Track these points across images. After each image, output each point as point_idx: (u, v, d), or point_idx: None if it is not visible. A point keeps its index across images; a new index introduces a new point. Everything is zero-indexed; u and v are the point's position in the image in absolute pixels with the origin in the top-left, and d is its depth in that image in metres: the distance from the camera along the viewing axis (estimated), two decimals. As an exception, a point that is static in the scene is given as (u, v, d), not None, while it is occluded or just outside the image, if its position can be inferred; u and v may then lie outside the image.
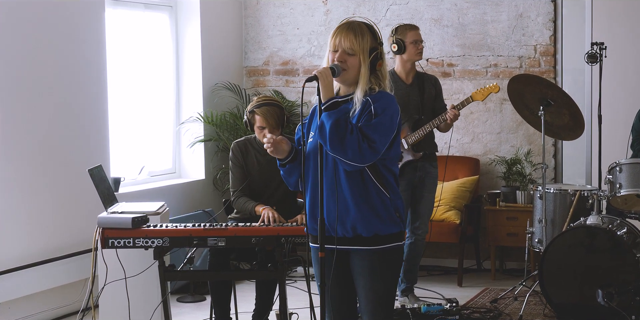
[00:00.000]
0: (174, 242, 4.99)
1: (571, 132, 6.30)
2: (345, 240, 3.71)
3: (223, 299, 5.54)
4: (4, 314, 5.83)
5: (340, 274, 3.78)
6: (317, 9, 8.06)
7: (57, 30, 6.23)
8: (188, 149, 7.77)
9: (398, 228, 3.75)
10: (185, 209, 7.55)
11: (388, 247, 3.72)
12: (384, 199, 3.70)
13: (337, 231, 3.69)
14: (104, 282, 5.35)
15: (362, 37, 3.66)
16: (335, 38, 3.69)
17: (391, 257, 3.75)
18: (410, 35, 6.16)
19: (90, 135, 6.52)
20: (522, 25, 7.47)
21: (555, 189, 6.31)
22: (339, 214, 3.67)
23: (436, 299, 6.59)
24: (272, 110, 5.38)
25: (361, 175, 3.67)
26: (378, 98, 3.67)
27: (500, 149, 7.59)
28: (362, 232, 3.68)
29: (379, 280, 3.72)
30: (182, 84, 7.84)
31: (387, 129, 3.63)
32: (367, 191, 3.68)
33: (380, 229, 3.69)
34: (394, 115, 3.68)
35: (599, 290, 5.57)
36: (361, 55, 3.66)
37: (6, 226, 5.83)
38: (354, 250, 3.72)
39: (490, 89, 6.06)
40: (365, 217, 3.67)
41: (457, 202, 7.23)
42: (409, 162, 6.15)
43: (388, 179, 3.73)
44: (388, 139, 3.64)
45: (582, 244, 5.74)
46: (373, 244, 3.70)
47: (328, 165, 3.68)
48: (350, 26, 3.69)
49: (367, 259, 3.72)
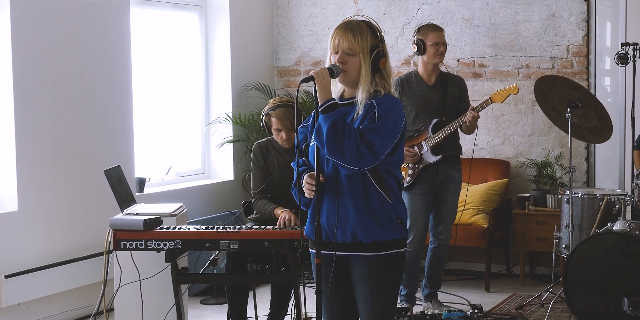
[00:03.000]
0: (186, 245, 4.94)
1: (599, 135, 6.13)
2: (344, 246, 3.62)
3: (239, 302, 5.48)
4: (23, 314, 5.84)
5: (340, 280, 3.69)
6: (348, 8, 7.98)
7: (82, 29, 6.22)
8: (217, 150, 7.73)
9: (399, 234, 3.64)
10: (214, 210, 7.52)
11: (389, 254, 3.62)
12: (385, 204, 3.60)
13: (336, 237, 3.61)
14: (119, 284, 5.32)
15: (361, 36, 3.56)
16: (334, 39, 3.59)
17: (392, 264, 3.65)
18: (432, 37, 6.03)
19: (114, 135, 6.51)
20: (554, 25, 7.31)
21: (583, 193, 6.15)
22: (339, 219, 3.58)
23: (461, 305, 6.47)
24: (287, 112, 5.32)
25: (362, 179, 3.57)
26: (383, 101, 3.58)
27: (532, 152, 7.44)
28: (362, 238, 3.59)
29: (379, 287, 3.63)
30: (211, 84, 7.80)
31: (388, 132, 3.52)
32: (368, 196, 3.58)
33: (381, 235, 3.59)
34: (398, 119, 3.57)
35: (625, 299, 5.43)
36: (361, 55, 3.56)
37: (27, 226, 5.84)
38: (353, 256, 3.64)
39: (509, 91, 5.91)
40: (365, 223, 3.58)
41: (485, 206, 7.09)
42: (430, 165, 6.03)
43: (390, 184, 3.62)
44: (389, 143, 3.53)
45: (608, 250, 5.58)
46: (373, 250, 3.60)
47: (328, 169, 3.59)
48: (348, 26, 3.59)
49: (367, 266, 3.62)
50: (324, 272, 3.60)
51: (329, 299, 3.68)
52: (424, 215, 6.08)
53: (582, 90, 5.99)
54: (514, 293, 6.84)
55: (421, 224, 6.08)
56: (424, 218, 6.08)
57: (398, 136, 3.56)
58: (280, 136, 5.43)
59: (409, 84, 6.13)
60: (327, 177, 3.58)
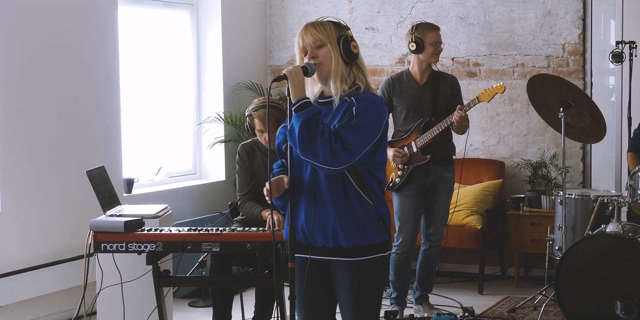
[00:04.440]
0: (167, 247, 4.84)
1: (593, 135, 6.02)
2: (325, 250, 3.51)
3: (223, 305, 5.40)
4: (7, 316, 5.75)
5: (322, 285, 3.58)
6: (341, 6, 7.87)
7: (68, 28, 6.13)
8: (208, 150, 7.63)
9: (382, 238, 3.52)
10: (205, 210, 7.43)
11: (371, 259, 3.50)
12: (366, 206, 3.48)
13: (313, 239, 3.49)
14: (100, 287, 5.23)
15: (324, 27, 3.50)
16: (298, 41, 3.52)
17: (374, 269, 3.52)
18: (431, 36, 5.92)
19: (101, 135, 6.41)
20: (550, 24, 7.19)
21: (576, 195, 6.04)
22: (319, 222, 3.47)
23: (453, 308, 6.37)
24: (270, 113, 5.21)
25: (342, 181, 3.45)
26: (363, 99, 3.46)
27: (527, 152, 7.32)
28: (343, 242, 3.47)
29: (361, 293, 3.51)
30: (203, 84, 7.71)
31: (366, 130, 3.39)
32: (348, 198, 3.46)
33: (362, 239, 3.47)
34: (378, 117, 3.45)
35: (618, 302, 5.32)
36: (329, 44, 3.47)
37: (10, 228, 5.75)
38: (334, 261, 3.52)
39: (496, 90, 5.79)
40: (345, 226, 3.45)
41: (479, 207, 6.97)
42: (420, 165, 5.92)
43: (372, 185, 3.50)
44: (367, 141, 3.39)
45: (601, 252, 5.47)
46: (354, 255, 3.48)
47: (307, 171, 3.47)
48: (307, 25, 3.54)
49: (348, 271, 3.51)
50: (299, 277, 3.49)
51: (311, 303, 3.58)
52: (414, 217, 5.97)
53: (575, 90, 5.88)
54: (508, 295, 6.73)
55: (411, 226, 5.97)
56: (414, 219, 5.98)
57: (378, 134, 3.44)
58: (264, 137, 5.35)
59: (400, 83, 6.02)
60: (306, 179, 3.47)
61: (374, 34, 7.75)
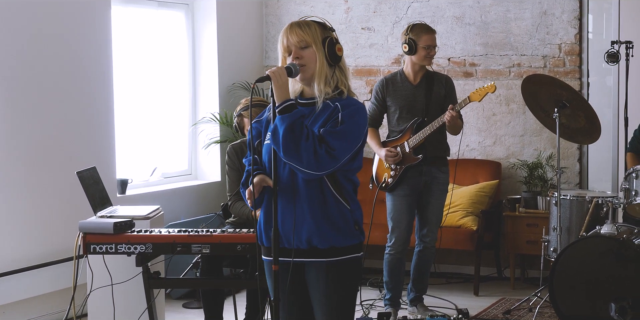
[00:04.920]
0: (157, 249, 4.80)
1: (588, 135, 5.98)
2: (299, 252, 3.48)
3: (214, 307, 5.37)
4: (-1, 318, 5.74)
5: (297, 287, 3.55)
6: (337, 6, 7.84)
7: (60, 28, 6.10)
8: (204, 150, 7.60)
9: (357, 240, 3.52)
10: (201, 211, 7.40)
11: (345, 259, 3.49)
12: (343, 210, 3.47)
13: (287, 241, 3.46)
14: (90, 289, 5.20)
15: (309, 28, 3.45)
16: (282, 40, 3.48)
17: (348, 269, 3.51)
18: (425, 39, 5.88)
19: (94, 135, 6.38)
20: (546, 23, 7.15)
21: (572, 196, 6.00)
22: (293, 225, 3.44)
23: (448, 309, 6.33)
24: (259, 112, 5.17)
25: (320, 184, 3.44)
26: (348, 105, 3.45)
27: (523, 152, 7.28)
28: (318, 244, 3.45)
29: (335, 293, 3.49)
30: (198, 84, 7.68)
31: (350, 137, 3.39)
32: (325, 201, 3.44)
33: (337, 241, 3.46)
34: (361, 125, 3.44)
35: (612, 304, 5.27)
36: (314, 45, 3.44)
37: (3, 229, 5.73)
38: (308, 262, 3.50)
39: (486, 89, 5.75)
40: (322, 229, 3.44)
41: (474, 208, 6.93)
42: (413, 166, 5.88)
43: (347, 189, 3.50)
44: (350, 148, 3.39)
45: (595, 254, 5.42)
46: (328, 255, 3.47)
47: (285, 172, 3.44)
48: (292, 24, 3.49)
49: (323, 271, 3.49)
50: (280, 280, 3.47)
51: (287, 307, 3.55)
52: (407, 217, 5.94)
53: (569, 90, 5.84)
54: (503, 297, 6.69)
55: (404, 226, 5.94)
56: (407, 220, 5.94)
57: (360, 142, 3.44)
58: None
59: (394, 83, 5.99)
60: (284, 181, 3.44)
61: (370, 34, 7.72)
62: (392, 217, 5.95)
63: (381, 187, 6.01)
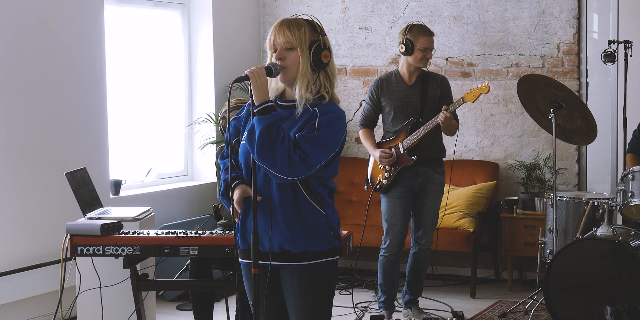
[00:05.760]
0: (145, 251, 4.75)
1: (584, 136, 5.90)
2: (273, 256, 3.41)
3: (203, 310, 5.31)
4: (-12, 320, 5.69)
5: (273, 291, 3.48)
6: (334, 6, 7.78)
7: (52, 26, 6.05)
8: (200, 151, 7.55)
9: (331, 244, 3.44)
10: (197, 212, 7.35)
11: (319, 263, 3.41)
12: (317, 216, 3.40)
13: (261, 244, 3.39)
14: (78, 291, 5.15)
15: (298, 30, 3.35)
16: (270, 37, 3.39)
17: (322, 274, 3.44)
18: (422, 42, 5.81)
19: (86, 136, 6.32)
20: (544, 23, 7.07)
21: (568, 197, 5.92)
22: (267, 228, 3.37)
23: (443, 312, 6.26)
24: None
25: (293, 189, 3.37)
26: (326, 111, 3.36)
27: (522, 153, 7.20)
28: (291, 249, 3.39)
29: (309, 298, 3.42)
30: (194, 84, 7.62)
31: (326, 144, 3.31)
32: (299, 206, 3.38)
33: (310, 246, 3.39)
34: (339, 133, 3.36)
35: (608, 307, 5.19)
36: (299, 49, 3.34)
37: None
38: (282, 266, 3.43)
39: (480, 90, 5.68)
40: (295, 235, 3.37)
41: (472, 209, 6.86)
42: (407, 167, 5.82)
43: (322, 195, 3.42)
44: (325, 155, 3.32)
45: (590, 256, 5.35)
46: (302, 259, 3.40)
47: (259, 175, 3.36)
48: (283, 22, 3.38)
49: (296, 276, 3.42)
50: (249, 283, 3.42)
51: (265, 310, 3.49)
52: (402, 219, 5.87)
53: (565, 90, 5.76)
54: (501, 299, 6.62)
55: (398, 228, 5.87)
56: (402, 222, 5.88)
57: (335, 150, 3.37)
58: None
59: (389, 84, 5.93)
60: (258, 184, 3.36)
61: (367, 33, 7.65)
62: (387, 219, 5.89)
63: (376, 188, 5.94)
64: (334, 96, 3.44)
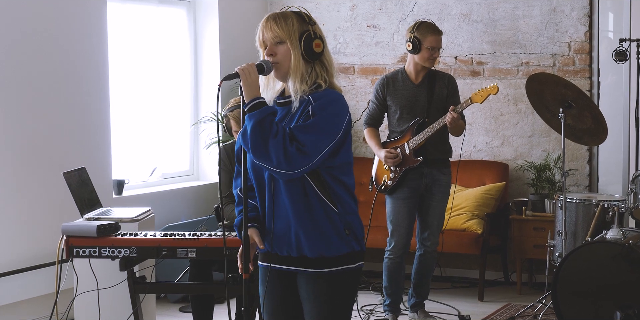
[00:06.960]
0: (142, 253, 4.66)
1: (594, 136, 5.77)
2: (290, 260, 3.25)
3: (203, 312, 5.21)
4: (-13, 322, 5.61)
5: (288, 296, 3.33)
6: (343, 3, 7.66)
7: (53, 24, 5.96)
8: (206, 150, 7.45)
9: (349, 248, 3.23)
10: (202, 212, 7.26)
11: (337, 271, 3.22)
12: (330, 213, 3.19)
13: (278, 248, 3.27)
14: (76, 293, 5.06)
15: (285, 22, 3.20)
16: (258, 35, 3.25)
17: (341, 282, 3.24)
18: (430, 40, 5.67)
19: (88, 135, 6.24)
20: (555, 21, 6.93)
21: (578, 199, 5.78)
22: (282, 229, 3.22)
23: (450, 315, 6.14)
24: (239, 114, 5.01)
25: (303, 185, 3.18)
26: (320, 96, 3.18)
27: (532, 154, 7.07)
28: (307, 252, 3.21)
29: (326, 307, 3.23)
30: (200, 83, 7.52)
31: (322, 130, 3.11)
32: (309, 205, 3.18)
33: (326, 249, 3.20)
34: (337, 116, 3.15)
35: (617, 312, 5.07)
36: (289, 41, 3.19)
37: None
38: (299, 272, 3.26)
39: (489, 90, 5.54)
40: (308, 235, 3.19)
41: (480, 210, 6.73)
42: (413, 168, 5.69)
43: (336, 190, 3.21)
44: (324, 142, 3.10)
45: (599, 259, 5.21)
46: (319, 266, 3.22)
47: (265, 173, 3.22)
48: (269, 17, 3.25)
49: (313, 283, 3.24)
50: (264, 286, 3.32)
51: (276, 315, 3.37)
52: (407, 221, 5.75)
53: (574, 90, 5.62)
54: (509, 303, 6.49)
55: (403, 230, 5.75)
56: (407, 223, 5.75)
57: (337, 135, 3.14)
58: None
59: (395, 82, 5.80)
60: (265, 183, 3.24)
61: (375, 31, 7.53)
62: (392, 220, 5.77)
63: (380, 189, 5.82)
64: (334, 85, 3.27)
